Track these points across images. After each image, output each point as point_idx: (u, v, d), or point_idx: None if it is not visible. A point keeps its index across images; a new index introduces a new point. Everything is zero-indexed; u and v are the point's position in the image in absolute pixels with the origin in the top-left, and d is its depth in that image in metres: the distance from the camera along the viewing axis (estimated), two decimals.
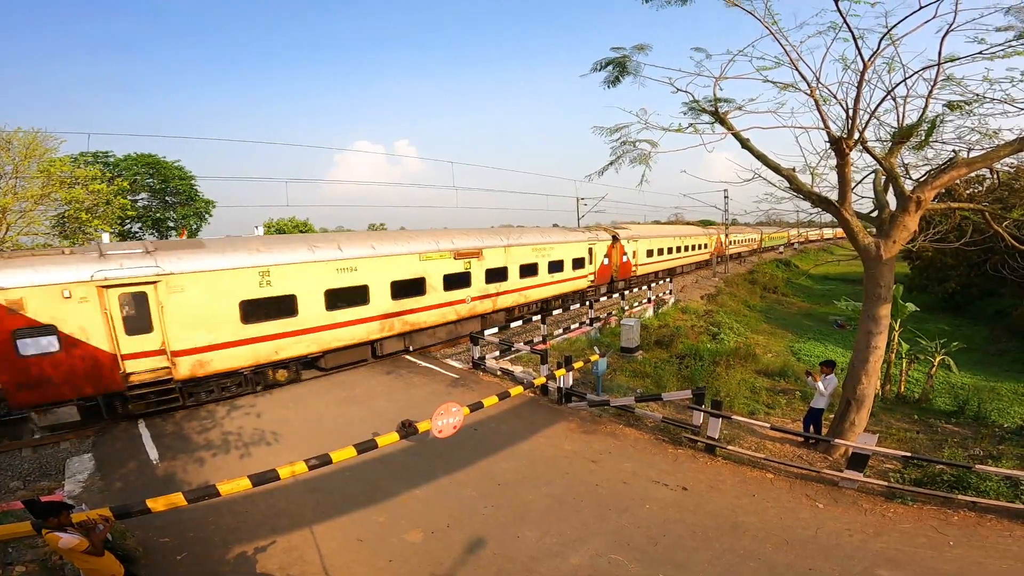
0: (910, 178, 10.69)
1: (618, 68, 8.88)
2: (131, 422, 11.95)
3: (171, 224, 39.59)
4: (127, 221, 33.44)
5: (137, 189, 37.18)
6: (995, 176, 11.92)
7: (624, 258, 32.10)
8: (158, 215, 39.14)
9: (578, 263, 26.71)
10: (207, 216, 41.90)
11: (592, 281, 28.49)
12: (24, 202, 21.31)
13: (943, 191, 11.11)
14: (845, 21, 7.38)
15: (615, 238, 30.96)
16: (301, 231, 45.22)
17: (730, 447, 10.27)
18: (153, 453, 10.41)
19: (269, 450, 10.46)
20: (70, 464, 10.02)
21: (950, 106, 8.38)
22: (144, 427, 11.69)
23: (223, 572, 6.82)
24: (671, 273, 38.80)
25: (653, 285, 28.35)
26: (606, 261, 29.97)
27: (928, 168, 10.59)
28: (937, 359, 19.63)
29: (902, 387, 19.44)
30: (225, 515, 8.01)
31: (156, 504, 6.00)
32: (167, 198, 39.77)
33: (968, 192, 25.71)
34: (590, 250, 28.04)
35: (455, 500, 8.53)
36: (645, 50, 8.63)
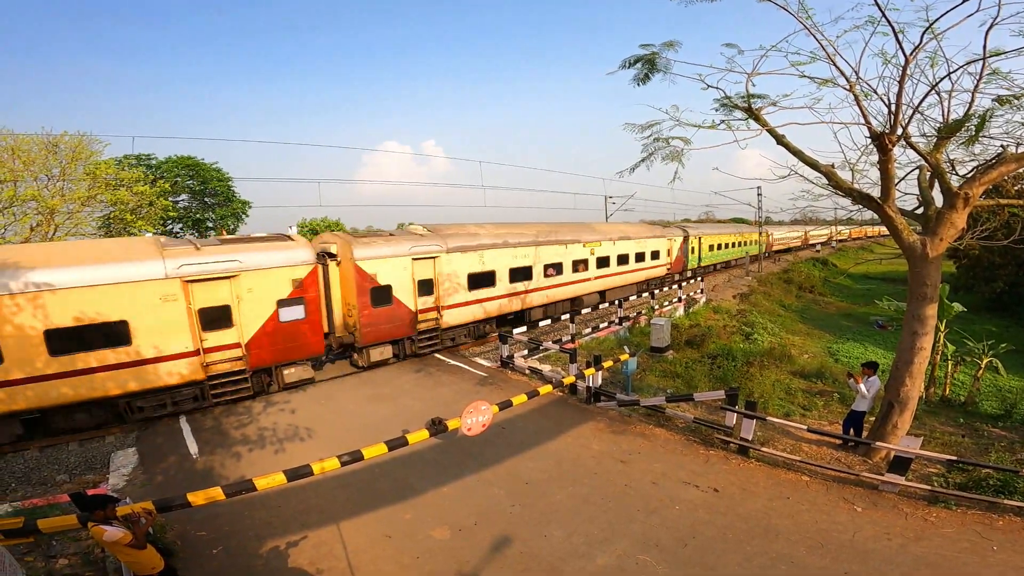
0: (956, 174, 10.28)
1: (647, 65, 8.76)
2: (173, 417, 12.36)
3: (210, 224, 40.78)
4: (168, 222, 34.60)
5: (178, 190, 38.42)
6: None
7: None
8: (198, 216, 40.38)
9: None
10: (244, 216, 43.03)
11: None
12: (71, 203, 22.22)
13: (991, 187, 10.65)
14: (884, 15, 7.14)
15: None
16: (333, 231, 45.99)
17: (764, 449, 10.05)
18: (193, 448, 10.76)
19: (302, 446, 10.69)
20: (115, 458, 10.41)
21: (999, 100, 8.01)
22: (185, 422, 12.08)
23: (256, 565, 7.00)
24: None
25: (683, 284, 29.01)
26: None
27: (975, 163, 10.17)
28: (984, 361, 18.84)
29: (947, 390, 18.71)
30: (259, 509, 8.22)
31: (196, 498, 6.21)
32: (206, 199, 40.99)
33: (1016, 188, 24.63)
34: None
35: (482, 498, 8.57)
36: (675, 47, 8.49)
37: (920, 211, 10.31)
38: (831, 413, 14.19)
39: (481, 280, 19.10)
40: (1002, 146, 9.38)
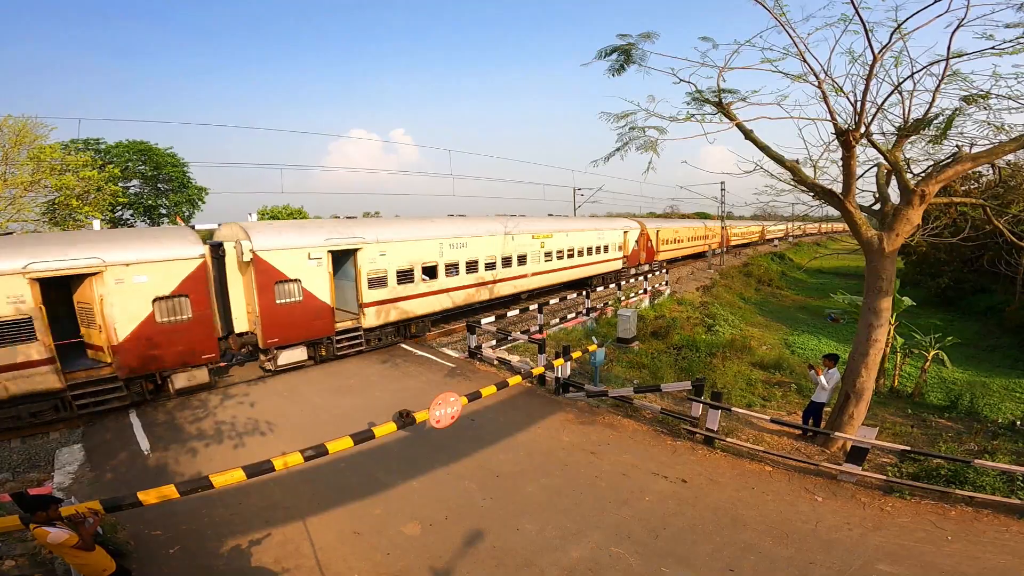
0: (911, 172, 10.63)
1: (623, 56, 8.72)
2: (121, 412, 11.78)
3: (163, 211, 39.18)
4: (118, 208, 33.04)
5: (129, 176, 36.75)
6: (996, 172, 11.87)
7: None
8: (150, 202, 38.71)
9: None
10: (200, 203, 41.51)
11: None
12: (13, 189, 21.07)
13: (942, 187, 11.10)
14: (858, 12, 7.26)
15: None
16: (295, 219, 44.93)
17: (728, 439, 10.23)
18: (144, 443, 10.26)
19: (263, 440, 10.33)
20: (59, 455, 9.84)
21: (967, 99, 8.28)
22: (135, 416, 11.52)
23: (217, 565, 6.70)
24: None
25: (649, 276, 28.89)
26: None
27: (929, 163, 10.55)
28: (931, 353, 19.70)
29: (896, 381, 19.52)
30: (218, 507, 7.89)
31: (148, 497, 5.84)
32: (159, 185, 39.33)
33: (963, 189, 25.85)
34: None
35: (453, 492, 8.44)
36: (652, 38, 8.47)
37: (877, 207, 10.63)
38: (789, 404, 14.61)
39: None
40: (957, 146, 9.72)
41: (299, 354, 15.05)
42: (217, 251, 13.72)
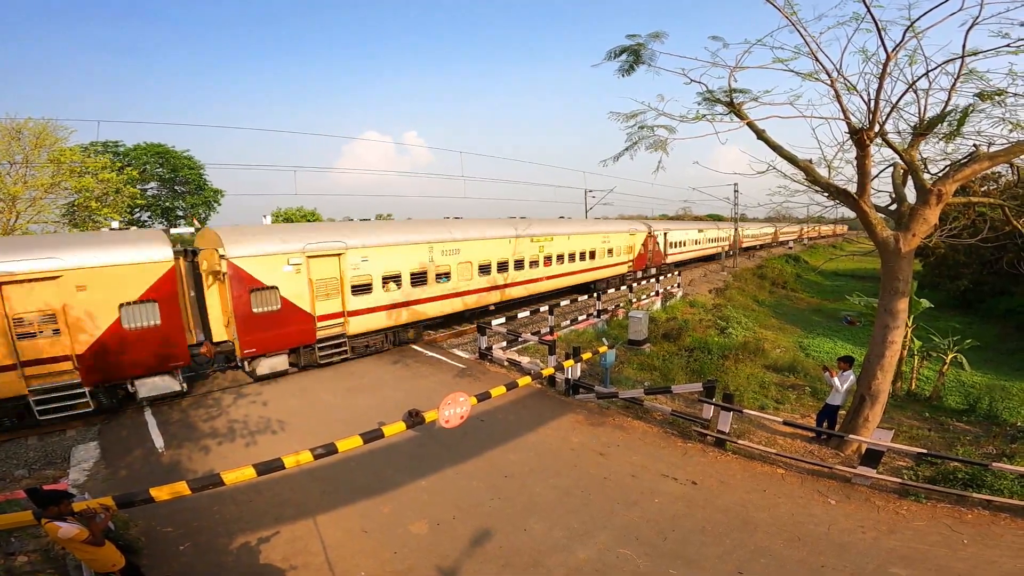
0: (928, 172, 10.47)
1: (632, 56, 8.69)
2: (137, 410, 11.94)
3: (180, 213, 39.75)
4: (136, 210, 33.59)
5: (147, 178, 37.35)
6: (1015, 172, 11.63)
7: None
8: (167, 204, 39.31)
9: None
10: (216, 205, 42.04)
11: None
12: (34, 191, 21.47)
13: (959, 187, 10.92)
14: (869, 11, 7.18)
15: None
16: (308, 220, 45.26)
17: (740, 441, 10.13)
18: (159, 441, 10.39)
19: (275, 439, 10.42)
20: (75, 452, 10.00)
21: (981, 96, 8.14)
22: (150, 414, 11.68)
23: (226, 562, 6.76)
24: None
25: (661, 278, 29.09)
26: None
27: (946, 162, 10.38)
28: (949, 356, 19.33)
29: (913, 384, 19.17)
30: (229, 504, 7.96)
31: (160, 493, 5.92)
32: (176, 187, 39.91)
33: (982, 189, 25.36)
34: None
35: (461, 491, 8.45)
36: (661, 38, 8.43)
37: (893, 207, 10.48)
38: (803, 406, 14.41)
39: None
40: (975, 145, 9.56)
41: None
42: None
